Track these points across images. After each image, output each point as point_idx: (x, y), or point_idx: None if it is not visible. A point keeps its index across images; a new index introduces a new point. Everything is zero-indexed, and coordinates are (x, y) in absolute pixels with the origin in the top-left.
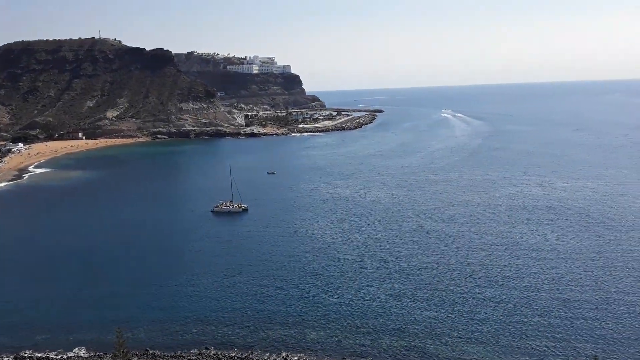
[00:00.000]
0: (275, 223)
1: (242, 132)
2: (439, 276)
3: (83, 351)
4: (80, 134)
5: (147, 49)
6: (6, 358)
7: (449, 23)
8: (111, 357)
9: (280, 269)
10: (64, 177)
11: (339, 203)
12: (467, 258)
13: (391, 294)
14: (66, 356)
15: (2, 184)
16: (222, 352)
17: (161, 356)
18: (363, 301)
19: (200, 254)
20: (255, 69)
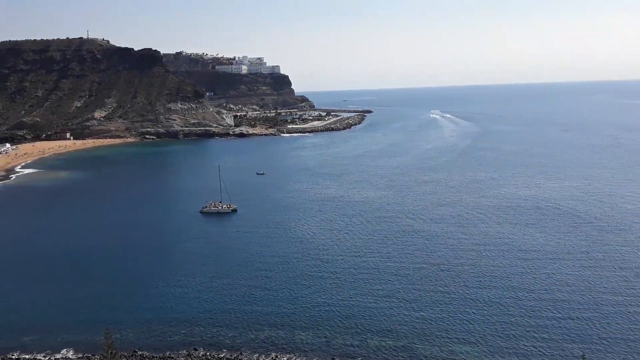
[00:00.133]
0: (264, 223)
1: (231, 133)
2: (428, 276)
3: (71, 352)
4: (68, 134)
5: (136, 49)
6: None
7: (449, 23)
8: (100, 359)
9: (269, 270)
10: (52, 178)
11: (328, 203)
12: (456, 258)
13: (380, 295)
14: (54, 357)
15: None
16: (211, 353)
17: (150, 357)
18: (352, 302)
19: (189, 255)
20: (244, 69)
